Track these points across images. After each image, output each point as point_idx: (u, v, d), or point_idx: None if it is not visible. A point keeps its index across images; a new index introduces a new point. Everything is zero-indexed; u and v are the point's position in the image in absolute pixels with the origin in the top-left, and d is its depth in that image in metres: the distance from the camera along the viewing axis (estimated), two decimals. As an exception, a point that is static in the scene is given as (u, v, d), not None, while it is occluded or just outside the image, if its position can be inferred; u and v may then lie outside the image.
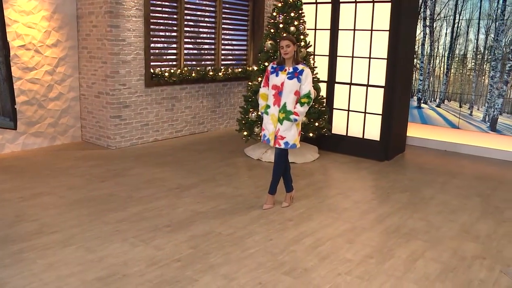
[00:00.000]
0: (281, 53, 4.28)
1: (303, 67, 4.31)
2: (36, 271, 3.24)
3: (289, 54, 4.25)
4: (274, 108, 4.34)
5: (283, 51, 4.25)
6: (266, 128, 4.43)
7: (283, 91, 4.28)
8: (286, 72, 4.29)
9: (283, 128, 4.33)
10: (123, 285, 3.08)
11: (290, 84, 4.26)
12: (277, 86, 4.30)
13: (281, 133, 4.34)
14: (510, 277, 3.34)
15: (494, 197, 5.19)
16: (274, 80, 4.32)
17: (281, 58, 4.32)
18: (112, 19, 6.42)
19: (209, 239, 3.83)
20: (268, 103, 4.41)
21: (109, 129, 6.71)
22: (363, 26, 6.50)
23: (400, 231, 4.11)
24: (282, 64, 4.34)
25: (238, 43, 8.66)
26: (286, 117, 4.30)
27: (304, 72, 4.28)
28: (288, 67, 4.31)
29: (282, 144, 4.36)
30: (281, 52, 4.28)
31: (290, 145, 4.38)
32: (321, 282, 3.18)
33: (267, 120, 4.40)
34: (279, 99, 4.30)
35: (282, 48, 4.26)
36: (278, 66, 4.36)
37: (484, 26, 6.95)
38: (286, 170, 4.61)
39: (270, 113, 4.38)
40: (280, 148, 4.41)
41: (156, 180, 5.38)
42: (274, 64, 4.40)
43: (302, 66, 4.31)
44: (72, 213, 4.30)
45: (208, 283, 3.12)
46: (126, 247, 3.64)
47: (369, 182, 5.67)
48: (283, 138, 4.34)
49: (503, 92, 6.91)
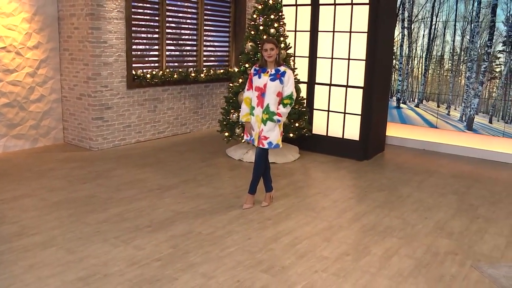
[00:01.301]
0: (264, 55, 4.33)
1: (285, 68, 4.37)
2: (17, 272, 3.27)
3: (272, 57, 4.31)
4: (258, 109, 4.42)
5: (267, 54, 4.31)
6: (252, 129, 4.50)
7: (266, 93, 4.35)
8: (269, 74, 4.35)
9: (267, 128, 4.40)
10: (103, 284, 3.13)
11: (273, 86, 4.32)
12: (260, 88, 4.37)
13: (265, 134, 4.41)
14: (480, 271, 3.46)
15: (469, 194, 5.33)
16: (257, 82, 4.39)
17: (263, 60, 4.39)
18: (94, 21, 6.44)
19: (189, 238, 3.89)
20: (253, 104, 4.47)
21: (91, 131, 6.72)
22: (342, 28, 6.61)
23: (376, 229, 4.22)
24: (264, 66, 4.41)
25: (220, 44, 8.73)
26: (269, 117, 4.37)
27: (286, 73, 4.35)
28: (270, 69, 4.38)
29: (266, 144, 4.43)
30: (264, 54, 4.34)
31: (274, 145, 4.46)
32: (298, 280, 3.26)
33: (253, 121, 4.49)
34: (262, 100, 4.37)
35: (265, 51, 4.31)
36: (260, 68, 4.43)
37: (460, 28, 7.11)
38: (266, 170, 4.68)
39: (255, 114, 4.46)
40: (261, 148, 4.48)
41: (137, 181, 5.42)
42: (256, 67, 4.47)
43: (284, 68, 4.38)
44: (52, 215, 4.32)
45: (187, 282, 3.19)
46: (107, 248, 3.68)
47: (348, 181, 5.78)
48: (266, 138, 4.42)
49: (478, 92, 7.08)
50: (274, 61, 4.36)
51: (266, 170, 4.68)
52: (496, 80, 6.94)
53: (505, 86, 6.86)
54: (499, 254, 3.79)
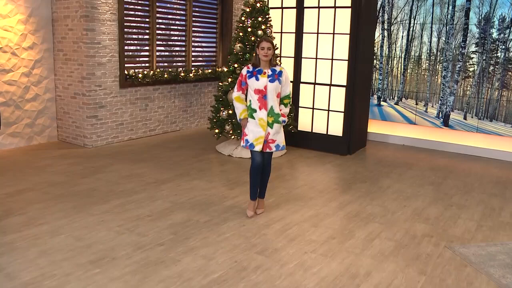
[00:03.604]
0: (260, 54, 4.15)
1: (280, 68, 4.28)
2: (31, 257, 3.55)
3: (269, 57, 4.16)
4: (261, 113, 4.23)
5: (264, 53, 4.13)
6: (251, 132, 4.27)
7: (268, 95, 4.20)
8: (266, 75, 4.20)
9: (274, 131, 4.27)
10: (113, 266, 3.43)
11: (273, 87, 4.19)
12: (261, 90, 4.20)
13: (272, 137, 4.27)
14: (453, 251, 3.84)
15: (445, 185, 5.74)
16: (255, 84, 4.20)
17: (258, 59, 4.22)
18: (88, 23, 6.69)
19: (188, 226, 4.20)
20: (253, 107, 4.26)
21: (86, 129, 6.97)
22: (326, 29, 6.98)
23: (360, 216, 4.59)
24: (257, 66, 4.24)
25: (207, 45, 9.03)
26: (275, 120, 4.26)
27: (283, 73, 4.26)
28: (266, 69, 4.23)
29: (273, 147, 4.31)
30: (260, 53, 4.15)
31: (281, 147, 4.37)
32: (289, 259, 3.60)
33: (255, 125, 4.26)
34: (265, 103, 4.22)
35: (262, 49, 4.13)
36: (254, 69, 4.24)
37: (436, 30, 7.54)
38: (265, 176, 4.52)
39: (258, 117, 4.25)
40: (268, 152, 4.36)
41: (134, 175, 5.70)
42: (249, 68, 4.28)
43: (279, 68, 4.27)
44: (57, 207, 4.58)
45: (189, 263, 3.51)
46: (112, 235, 3.98)
47: (333, 174, 6.15)
48: (274, 141, 4.29)
49: (454, 91, 7.53)
50: (269, 61, 4.23)
51: (265, 176, 4.50)
52: (470, 79, 7.39)
53: (478, 84, 7.31)
54: (470, 236, 4.19)
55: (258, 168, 4.33)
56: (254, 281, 3.27)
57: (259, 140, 4.24)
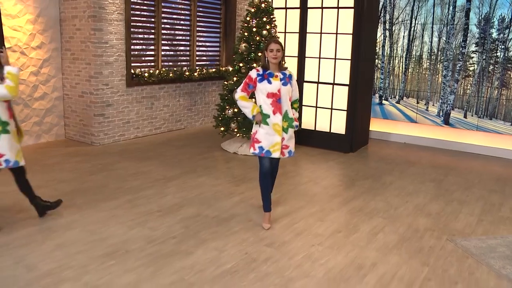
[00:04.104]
0: (269, 56, 3.99)
1: (289, 71, 4.15)
2: (47, 250, 3.67)
3: (278, 59, 4.00)
4: (276, 117, 4.03)
5: (273, 55, 3.96)
6: (266, 139, 4.08)
7: (282, 98, 4.02)
8: (279, 78, 4.03)
9: (288, 136, 4.12)
10: (128, 258, 3.56)
11: (286, 90, 4.04)
12: (275, 94, 4.00)
13: (286, 142, 4.13)
14: (454, 243, 3.98)
15: (446, 182, 5.87)
16: (268, 87, 4.01)
17: (266, 61, 4.05)
18: (96, 23, 6.82)
19: (198, 220, 4.33)
20: (265, 113, 4.06)
21: (93, 127, 7.10)
22: (329, 29, 7.10)
23: (363, 211, 4.72)
24: (267, 68, 4.06)
25: (211, 44, 9.15)
26: (289, 125, 4.11)
27: (293, 76, 4.14)
28: (276, 72, 4.06)
29: (286, 153, 4.16)
30: (269, 55, 3.98)
31: (292, 153, 4.23)
32: (297, 252, 3.74)
33: (269, 131, 4.06)
34: (280, 107, 4.03)
35: (271, 51, 3.97)
36: (265, 72, 4.05)
37: (437, 30, 7.67)
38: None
39: (272, 122, 4.04)
40: (278, 158, 4.22)
41: (142, 172, 5.82)
42: (258, 71, 4.08)
43: (289, 71, 4.14)
44: (68, 202, 4.70)
45: (202, 255, 3.64)
46: (124, 229, 4.11)
47: (336, 171, 6.28)
48: (287, 147, 4.15)
49: (454, 89, 7.66)
50: (278, 63, 4.07)
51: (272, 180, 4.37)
52: (470, 78, 7.52)
53: (478, 83, 7.44)
54: (471, 230, 4.33)
55: (267, 173, 4.18)
56: (264, 272, 3.40)
57: (276, 147, 4.06)
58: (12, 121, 3.94)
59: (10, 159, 3.89)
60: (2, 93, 3.70)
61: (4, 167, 3.89)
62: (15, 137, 3.96)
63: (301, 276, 3.37)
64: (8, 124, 3.87)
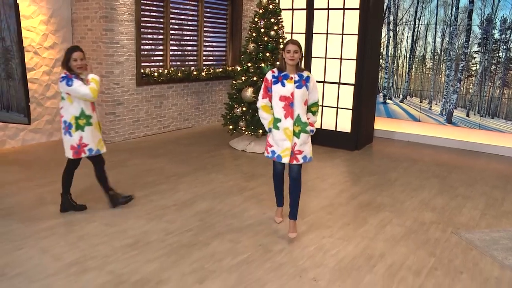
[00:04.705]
0: (286, 57, 3.84)
1: (308, 73, 3.94)
2: (71, 241, 3.85)
3: (295, 60, 3.83)
4: (287, 121, 3.89)
5: (290, 56, 3.81)
6: (277, 144, 3.98)
7: (294, 102, 3.86)
8: (293, 80, 3.86)
9: (300, 141, 3.95)
10: (149, 249, 3.74)
11: (300, 94, 3.86)
12: (287, 97, 3.86)
13: (299, 148, 3.95)
14: (459, 236, 4.15)
15: (450, 178, 6.05)
16: (281, 90, 3.86)
17: (284, 63, 3.90)
18: (107, 24, 6.99)
19: (212, 214, 4.51)
20: (277, 117, 3.94)
21: (104, 125, 7.27)
22: (335, 30, 7.28)
23: (371, 205, 4.90)
24: (283, 70, 3.91)
25: (218, 44, 9.33)
26: (302, 129, 3.93)
27: (311, 79, 3.93)
28: (292, 74, 3.89)
29: (301, 159, 3.98)
30: (286, 56, 3.84)
31: (308, 159, 4.05)
32: (310, 243, 3.91)
33: (280, 136, 3.94)
34: (292, 111, 3.87)
35: (288, 52, 3.81)
36: (280, 74, 3.91)
37: (440, 31, 7.85)
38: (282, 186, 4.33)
39: (283, 127, 3.91)
40: (296, 165, 4.01)
41: (154, 169, 6.00)
42: (274, 73, 3.94)
43: (307, 73, 3.94)
44: (86, 197, 4.87)
45: (218, 246, 3.82)
46: (142, 222, 4.28)
47: (342, 168, 6.45)
48: (301, 153, 3.97)
49: (457, 89, 7.84)
50: (296, 65, 3.89)
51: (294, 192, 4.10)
52: (473, 77, 7.70)
53: (480, 83, 7.62)
54: (474, 223, 4.51)
55: (277, 176, 4.19)
56: (279, 262, 3.58)
57: (286, 152, 3.93)
58: (94, 114, 4.43)
59: (93, 148, 4.42)
60: (86, 93, 4.19)
61: (88, 155, 4.43)
62: (96, 128, 4.46)
63: (314, 266, 3.54)
64: (91, 117, 4.38)
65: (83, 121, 4.32)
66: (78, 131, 4.33)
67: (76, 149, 4.38)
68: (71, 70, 4.22)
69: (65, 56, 4.25)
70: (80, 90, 4.17)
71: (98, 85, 4.28)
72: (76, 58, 4.20)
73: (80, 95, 4.20)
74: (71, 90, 4.19)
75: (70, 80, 4.17)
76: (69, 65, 4.21)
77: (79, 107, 4.29)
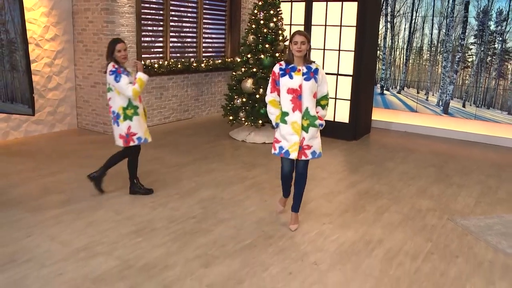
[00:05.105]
0: (294, 49, 3.71)
1: (316, 65, 3.82)
2: (79, 228, 3.96)
3: (303, 52, 3.71)
4: (295, 115, 3.77)
5: (297, 48, 3.68)
6: (284, 138, 3.84)
7: (303, 95, 3.75)
8: (301, 72, 3.75)
9: (309, 136, 3.82)
10: (154, 235, 3.85)
11: (309, 86, 3.74)
12: (295, 90, 3.74)
13: (307, 142, 3.82)
14: (455, 222, 4.28)
15: (446, 167, 6.18)
16: (289, 83, 3.75)
17: (291, 55, 3.78)
18: (108, 16, 7.06)
19: (215, 202, 4.63)
20: (284, 110, 3.82)
21: (106, 116, 7.36)
22: (333, 22, 7.37)
23: (369, 193, 5.02)
24: (290, 62, 3.80)
25: (217, 36, 9.40)
26: (311, 123, 3.79)
27: (319, 71, 3.81)
28: (300, 66, 3.78)
29: (309, 154, 3.86)
30: (293, 48, 3.71)
31: (317, 154, 3.92)
32: (310, 229, 4.04)
33: (288, 130, 3.81)
34: (300, 104, 3.75)
35: (296, 44, 3.69)
36: (287, 67, 3.79)
37: (437, 22, 7.95)
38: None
39: (291, 121, 3.79)
40: (303, 160, 3.91)
41: (156, 159, 6.10)
42: (281, 65, 3.82)
43: (315, 65, 3.82)
44: (91, 187, 4.95)
45: (222, 232, 3.94)
46: (147, 210, 4.40)
47: (341, 158, 6.57)
48: (309, 148, 3.85)
49: (453, 80, 7.95)
50: (303, 57, 3.78)
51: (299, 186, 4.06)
52: (469, 69, 7.81)
53: (476, 74, 7.73)
54: (469, 210, 4.64)
55: (286, 175, 4.03)
56: (281, 247, 3.70)
57: (294, 147, 3.80)
58: (141, 104, 4.63)
59: (141, 136, 4.64)
60: (128, 94, 4.41)
61: (137, 143, 4.63)
62: (143, 117, 4.66)
63: (315, 250, 3.67)
64: (138, 107, 4.57)
65: (131, 111, 4.51)
66: (126, 121, 4.53)
67: (125, 138, 4.58)
68: (117, 61, 4.45)
69: (108, 48, 4.46)
70: (124, 90, 4.40)
71: (142, 87, 4.46)
72: (120, 49, 4.42)
73: (122, 92, 4.42)
74: (117, 86, 4.40)
75: (118, 76, 4.38)
76: (114, 56, 4.44)
77: (126, 98, 4.48)
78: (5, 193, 4.70)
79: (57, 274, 3.21)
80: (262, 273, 3.30)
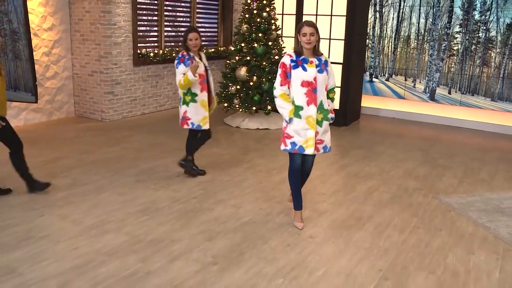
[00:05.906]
0: (303, 41, 3.56)
1: (325, 57, 3.71)
2: (86, 208, 4.20)
3: (312, 44, 3.57)
4: (310, 109, 3.60)
5: (306, 39, 3.54)
6: (298, 134, 3.68)
7: (318, 87, 3.60)
8: (314, 64, 3.61)
9: (322, 130, 3.70)
10: (159, 214, 4.10)
11: (323, 79, 3.62)
12: (310, 83, 3.57)
13: (320, 136, 3.71)
14: (439, 200, 4.59)
15: (432, 151, 6.49)
16: (303, 75, 3.58)
17: (300, 46, 3.62)
18: (105, 5, 7.23)
19: (214, 183, 4.88)
20: (298, 104, 3.63)
21: (103, 104, 7.56)
22: (324, 11, 7.61)
23: (359, 175, 5.31)
24: (301, 53, 3.63)
25: (210, 25, 9.59)
26: (324, 117, 3.68)
27: (329, 63, 3.71)
28: (311, 58, 3.63)
29: (321, 149, 3.76)
30: (302, 40, 3.56)
31: (328, 149, 3.84)
32: (305, 207, 4.27)
33: (302, 125, 3.64)
34: (315, 97, 3.59)
35: (305, 35, 3.54)
36: (298, 58, 3.62)
37: (424, 12, 8.22)
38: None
39: (306, 115, 3.62)
40: (313, 155, 3.84)
41: (155, 145, 6.33)
42: (291, 57, 3.64)
43: (324, 57, 3.71)
44: (94, 171, 5.21)
45: (222, 211, 4.20)
46: (150, 192, 4.64)
47: (332, 142, 6.67)
48: (322, 142, 3.74)
49: (439, 68, 8.25)
50: (313, 48, 3.63)
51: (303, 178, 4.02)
52: (454, 57, 8.11)
53: (461, 62, 8.04)
54: (453, 189, 4.96)
55: (297, 171, 3.84)
56: (279, 223, 3.98)
57: (310, 142, 3.65)
58: (203, 93, 4.87)
59: (195, 122, 4.90)
60: (176, 81, 4.77)
61: (190, 127, 4.92)
62: (203, 106, 4.89)
63: (310, 225, 3.95)
64: (197, 95, 4.85)
65: (189, 98, 4.84)
66: (184, 105, 4.88)
67: (181, 120, 4.95)
68: (188, 48, 4.74)
69: (183, 36, 4.77)
70: (176, 77, 4.76)
71: (186, 82, 4.68)
72: (191, 38, 4.72)
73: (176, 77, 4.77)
74: (176, 71, 4.76)
75: (179, 64, 4.71)
76: (186, 44, 4.74)
77: None
78: (12, 177, 4.90)
79: (72, 248, 3.46)
80: (262, 246, 3.58)
